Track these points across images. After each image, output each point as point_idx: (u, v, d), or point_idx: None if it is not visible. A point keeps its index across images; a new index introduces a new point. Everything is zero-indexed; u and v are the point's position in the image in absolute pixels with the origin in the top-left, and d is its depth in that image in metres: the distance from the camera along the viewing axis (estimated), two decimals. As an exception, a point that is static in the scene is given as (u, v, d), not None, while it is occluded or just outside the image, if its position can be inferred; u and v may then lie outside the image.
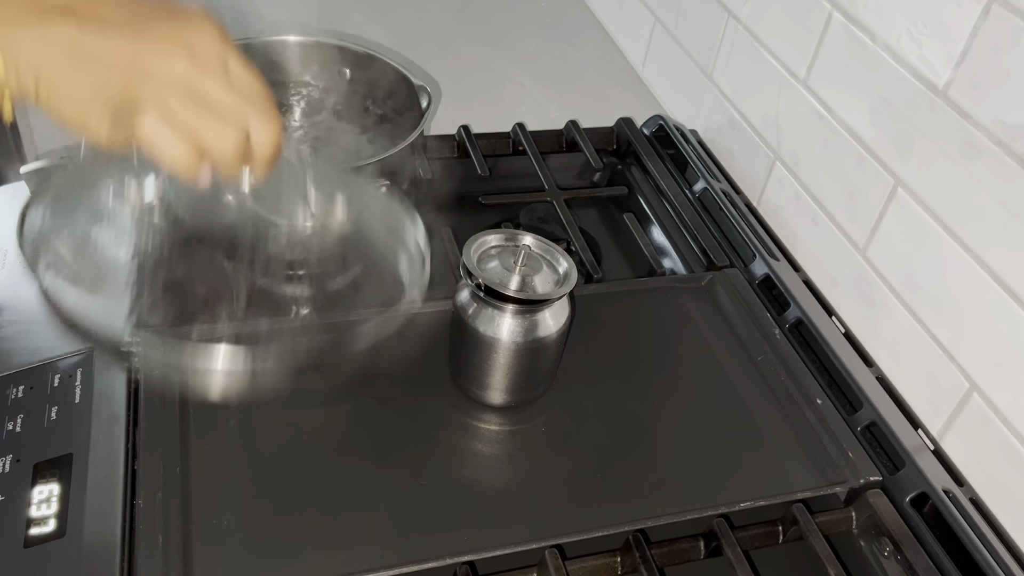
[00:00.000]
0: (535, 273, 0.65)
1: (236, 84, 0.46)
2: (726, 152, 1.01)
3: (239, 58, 0.47)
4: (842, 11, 0.79)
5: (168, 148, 0.44)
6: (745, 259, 0.88)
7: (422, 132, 0.77)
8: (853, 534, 0.67)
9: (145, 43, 0.43)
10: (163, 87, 0.43)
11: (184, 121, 0.44)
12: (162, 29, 0.43)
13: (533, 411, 0.71)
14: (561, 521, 0.63)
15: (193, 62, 0.44)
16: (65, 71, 0.42)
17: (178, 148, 0.44)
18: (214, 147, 0.45)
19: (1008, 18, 0.62)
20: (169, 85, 0.43)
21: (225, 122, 0.45)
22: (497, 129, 1.01)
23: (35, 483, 0.59)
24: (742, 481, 0.67)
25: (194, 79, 0.44)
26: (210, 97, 0.44)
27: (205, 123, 0.45)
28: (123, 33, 0.42)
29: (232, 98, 0.45)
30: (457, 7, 1.33)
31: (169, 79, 0.43)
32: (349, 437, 0.67)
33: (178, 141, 0.44)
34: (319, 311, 0.55)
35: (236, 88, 0.46)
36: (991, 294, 0.65)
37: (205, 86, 0.44)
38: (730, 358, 0.77)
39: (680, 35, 1.10)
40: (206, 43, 0.44)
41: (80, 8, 0.42)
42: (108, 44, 0.42)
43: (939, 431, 0.72)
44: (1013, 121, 0.62)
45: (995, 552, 0.62)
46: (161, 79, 0.43)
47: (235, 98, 0.45)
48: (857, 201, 0.79)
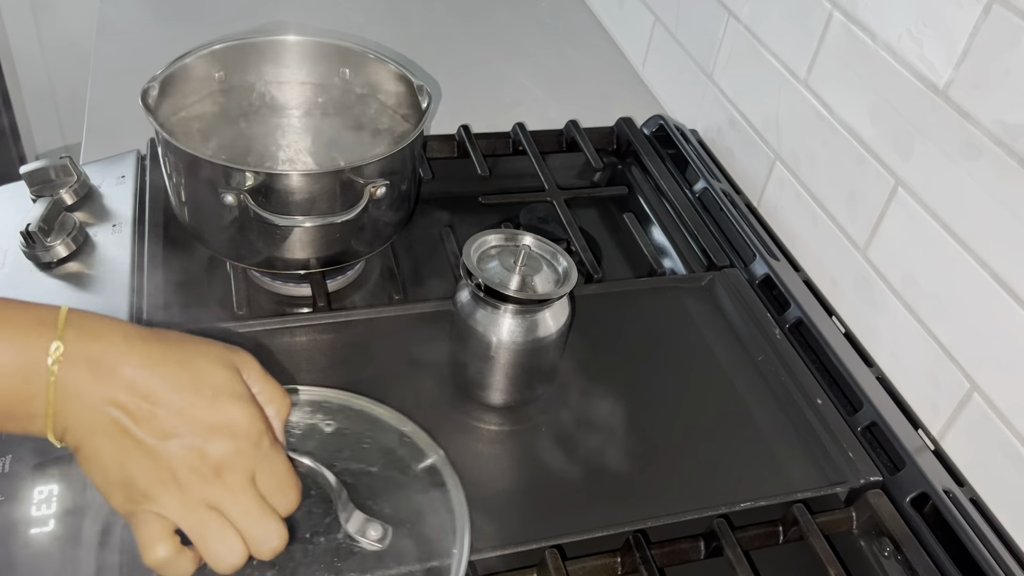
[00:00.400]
0: (535, 273, 0.65)
1: (263, 484, 0.47)
2: (726, 152, 1.01)
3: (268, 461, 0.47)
4: (842, 11, 0.79)
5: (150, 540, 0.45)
6: (745, 259, 0.88)
7: (422, 132, 0.77)
8: (853, 534, 0.67)
9: (177, 450, 0.44)
10: (179, 496, 0.45)
11: (187, 527, 0.45)
12: (198, 442, 0.45)
13: (533, 411, 0.71)
14: (561, 521, 0.62)
15: (220, 484, 0.45)
16: (102, 454, 0.45)
17: (159, 543, 0.45)
18: (212, 557, 0.46)
19: (1008, 18, 0.62)
20: (189, 498, 0.45)
21: (230, 536, 0.46)
22: (497, 129, 1.01)
23: (35, 483, 0.58)
24: (742, 481, 0.67)
25: (214, 495, 0.45)
26: (224, 509, 0.45)
27: (209, 535, 0.45)
28: (166, 446, 0.44)
29: (246, 510, 0.46)
30: (457, 7, 1.33)
31: (190, 492, 0.45)
32: (349, 437, 0.67)
33: (161, 537, 0.45)
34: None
35: (256, 495, 0.46)
36: (991, 294, 0.65)
37: (222, 500, 0.45)
38: (730, 358, 0.77)
39: (680, 35, 1.10)
40: (240, 464, 0.46)
41: (135, 405, 0.44)
42: (149, 449, 0.44)
43: (939, 431, 0.72)
44: (1013, 121, 0.62)
45: (995, 552, 0.62)
46: (181, 489, 0.45)
47: (250, 509, 0.46)
48: (857, 201, 0.79)
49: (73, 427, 0.44)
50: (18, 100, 1.78)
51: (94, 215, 0.81)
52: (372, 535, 0.54)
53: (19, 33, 1.71)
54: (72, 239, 0.76)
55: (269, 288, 0.81)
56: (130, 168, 0.87)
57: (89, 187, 0.84)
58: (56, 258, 0.75)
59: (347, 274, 0.83)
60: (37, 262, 0.75)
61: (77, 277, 0.75)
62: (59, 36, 1.72)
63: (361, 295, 0.83)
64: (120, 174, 0.86)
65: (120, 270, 0.75)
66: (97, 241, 0.78)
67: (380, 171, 0.73)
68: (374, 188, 0.72)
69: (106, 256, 0.77)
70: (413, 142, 0.75)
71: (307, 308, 0.79)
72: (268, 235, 0.73)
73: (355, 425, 0.61)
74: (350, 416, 0.62)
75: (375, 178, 0.72)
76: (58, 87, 1.77)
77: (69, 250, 0.76)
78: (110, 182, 0.85)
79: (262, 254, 0.75)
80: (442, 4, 1.34)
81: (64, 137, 1.85)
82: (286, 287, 0.81)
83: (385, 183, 0.73)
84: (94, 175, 0.85)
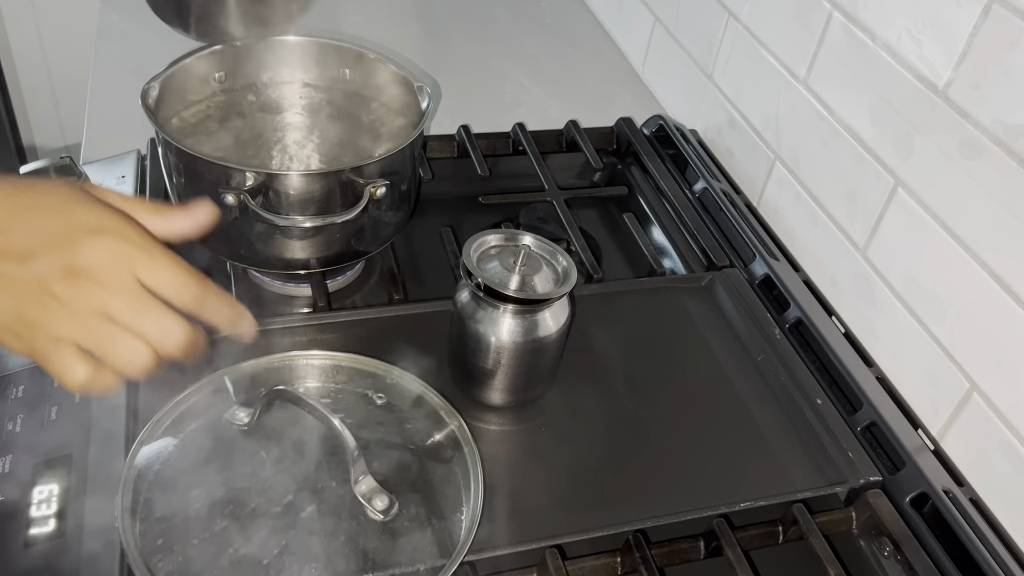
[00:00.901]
0: (535, 273, 0.65)
1: (150, 281, 0.46)
2: (726, 152, 1.01)
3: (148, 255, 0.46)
4: (842, 11, 0.79)
5: (64, 368, 0.45)
6: (745, 259, 0.88)
7: (422, 132, 0.77)
8: (853, 534, 0.67)
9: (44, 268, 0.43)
10: (64, 312, 0.44)
11: (84, 341, 0.45)
12: (62, 254, 0.44)
13: (533, 411, 0.71)
14: (561, 521, 0.63)
15: (100, 289, 0.44)
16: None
17: (75, 368, 0.45)
18: (118, 366, 0.45)
19: (1008, 18, 0.62)
20: (73, 311, 0.44)
21: (127, 339, 0.45)
22: (497, 129, 1.01)
23: (35, 483, 0.59)
24: (742, 481, 0.67)
25: (97, 301, 0.44)
26: (112, 314, 0.45)
27: (106, 343, 0.45)
28: (31, 267, 0.43)
29: (134, 309, 0.45)
30: (457, 7, 1.33)
31: (73, 305, 0.44)
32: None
33: (74, 361, 0.45)
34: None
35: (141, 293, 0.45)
36: (991, 294, 0.65)
37: (106, 305, 0.44)
38: (730, 358, 0.78)
39: (680, 35, 1.10)
40: (113, 265, 0.45)
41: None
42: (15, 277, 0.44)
43: (939, 431, 0.72)
44: (1013, 121, 0.62)
45: (995, 552, 0.62)
46: (62, 304, 0.44)
47: (137, 308, 0.45)
48: (857, 201, 0.79)
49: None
50: (18, 100, 1.78)
51: (94, 215, 0.81)
52: (377, 505, 0.55)
53: (20, 33, 1.71)
54: (72, 239, 0.76)
55: (269, 288, 0.81)
56: (130, 168, 0.87)
57: (89, 187, 0.84)
58: (56, 258, 0.75)
59: (347, 274, 0.83)
60: (37, 262, 0.75)
61: (77, 277, 0.75)
62: (60, 36, 1.72)
63: (361, 295, 0.83)
64: (120, 174, 0.86)
65: (120, 270, 0.75)
66: (97, 241, 0.78)
67: (380, 171, 0.73)
68: (374, 188, 0.72)
69: (106, 256, 0.77)
70: (413, 142, 0.75)
71: (307, 308, 0.79)
72: (268, 235, 0.73)
73: (404, 404, 0.64)
74: (404, 396, 0.64)
75: (375, 178, 0.72)
76: (58, 87, 1.77)
77: (69, 250, 0.76)
78: (110, 182, 0.85)
79: (262, 254, 0.75)
80: (442, 4, 1.34)
81: (64, 137, 1.85)
82: (286, 287, 0.81)
83: (385, 183, 0.73)
84: (94, 175, 0.85)
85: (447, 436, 0.62)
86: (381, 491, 0.56)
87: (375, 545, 0.55)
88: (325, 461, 0.59)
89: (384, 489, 0.56)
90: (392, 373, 0.65)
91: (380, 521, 0.56)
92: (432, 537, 0.56)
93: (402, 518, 0.56)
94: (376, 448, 0.60)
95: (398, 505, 0.56)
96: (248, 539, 0.54)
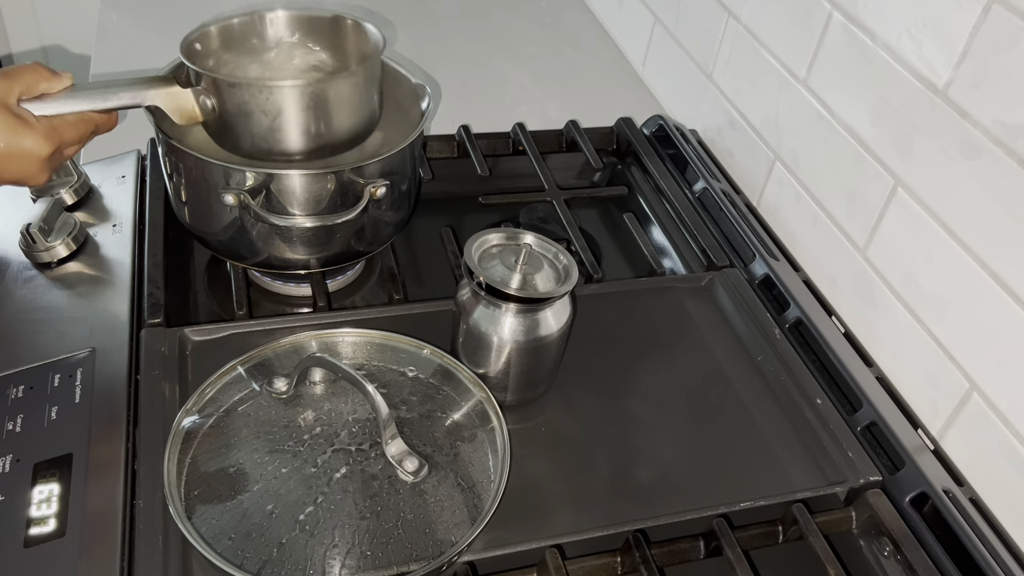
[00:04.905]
0: (536, 272, 0.65)
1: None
2: (726, 152, 1.01)
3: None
4: (842, 11, 0.79)
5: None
6: (745, 259, 0.88)
7: (422, 132, 0.77)
8: (853, 534, 0.67)
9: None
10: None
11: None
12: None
13: (533, 411, 0.71)
14: (561, 521, 0.63)
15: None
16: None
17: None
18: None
19: (1008, 18, 0.62)
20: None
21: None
22: (497, 129, 1.01)
23: (35, 483, 0.59)
24: (742, 481, 0.67)
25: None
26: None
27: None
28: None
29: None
30: (457, 7, 1.33)
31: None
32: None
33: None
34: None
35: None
36: (991, 294, 0.65)
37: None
38: (730, 358, 0.78)
39: (680, 35, 1.10)
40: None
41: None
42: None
43: (939, 431, 0.72)
44: (1013, 121, 0.62)
45: (995, 552, 0.62)
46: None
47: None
48: (857, 201, 0.79)
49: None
50: (18, 100, 1.78)
51: (94, 215, 0.81)
52: (408, 466, 0.59)
53: (20, 34, 1.71)
54: (72, 239, 0.76)
55: (269, 288, 0.81)
56: (130, 168, 0.87)
57: (89, 187, 0.84)
58: (56, 258, 0.75)
59: (347, 274, 0.83)
60: (37, 262, 0.75)
61: (77, 277, 0.75)
62: (60, 36, 1.72)
63: (361, 295, 0.83)
64: (120, 174, 0.86)
65: (120, 270, 0.75)
66: (98, 241, 0.78)
67: (380, 171, 0.73)
68: (374, 188, 0.72)
69: (107, 256, 0.77)
70: (413, 142, 0.75)
71: (307, 308, 0.79)
72: (268, 235, 0.73)
73: (435, 378, 0.67)
74: (435, 371, 0.68)
75: (375, 178, 0.72)
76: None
77: (69, 250, 0.76)
78: (110, 182, 0.85)
79: (262, 254, 0.75)
80: (442, 4, 1.34)
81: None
82: (286, 287, 0.81)
83: (385, 183, 0.73)
84: (94, 175, 0.85)
85: (476, 408, 0.65)
86: (411, 453, 0.59)
87: (405, 505, 0.58)
88: (359, 426, 0.62)
89: (414, 452, 0.59)
90: (424, 350, 0.68)
91: (410, 483, 0.59)
92: (461, 500, 0.59)
93: (431, 480, 0.59)
94: (407, 416, 0.63)
95: (428, 468, 0.59)
96: (283, 498, 0.57)
